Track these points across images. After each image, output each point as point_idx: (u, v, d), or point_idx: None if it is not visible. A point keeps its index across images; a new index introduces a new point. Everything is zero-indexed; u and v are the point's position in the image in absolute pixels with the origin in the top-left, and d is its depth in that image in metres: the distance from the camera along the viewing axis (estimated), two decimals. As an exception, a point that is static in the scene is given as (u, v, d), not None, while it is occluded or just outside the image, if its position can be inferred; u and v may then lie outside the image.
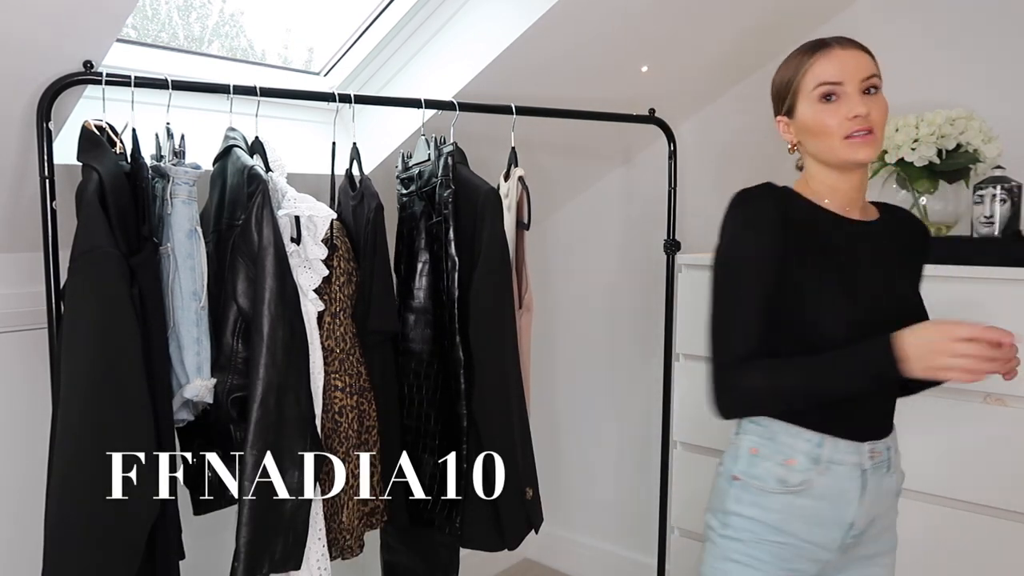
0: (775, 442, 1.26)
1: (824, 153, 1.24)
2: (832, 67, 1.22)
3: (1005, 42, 1.90)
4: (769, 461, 1.26)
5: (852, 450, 1.23)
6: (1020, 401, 1.60)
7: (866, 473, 1.24)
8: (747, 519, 1.27)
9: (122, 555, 1.25)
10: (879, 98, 1.23)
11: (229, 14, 1.94)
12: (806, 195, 1.29)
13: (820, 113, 1.23)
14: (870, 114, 1.21)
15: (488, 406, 1.57)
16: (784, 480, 1.25)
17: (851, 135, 1.20)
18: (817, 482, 1.23)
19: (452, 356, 1.61)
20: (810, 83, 1.24)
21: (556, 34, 1.79)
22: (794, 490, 1.24)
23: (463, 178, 1.62)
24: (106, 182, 1.25)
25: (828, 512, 1.24)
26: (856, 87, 1.21)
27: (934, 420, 1.69)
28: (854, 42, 1.25)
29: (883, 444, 1.27)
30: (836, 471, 1.23)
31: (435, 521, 1.67)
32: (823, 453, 1.23)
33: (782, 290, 1.21)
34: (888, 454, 1.28)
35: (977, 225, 1.70)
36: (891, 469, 1.29)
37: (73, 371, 1.21)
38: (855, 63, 1.22)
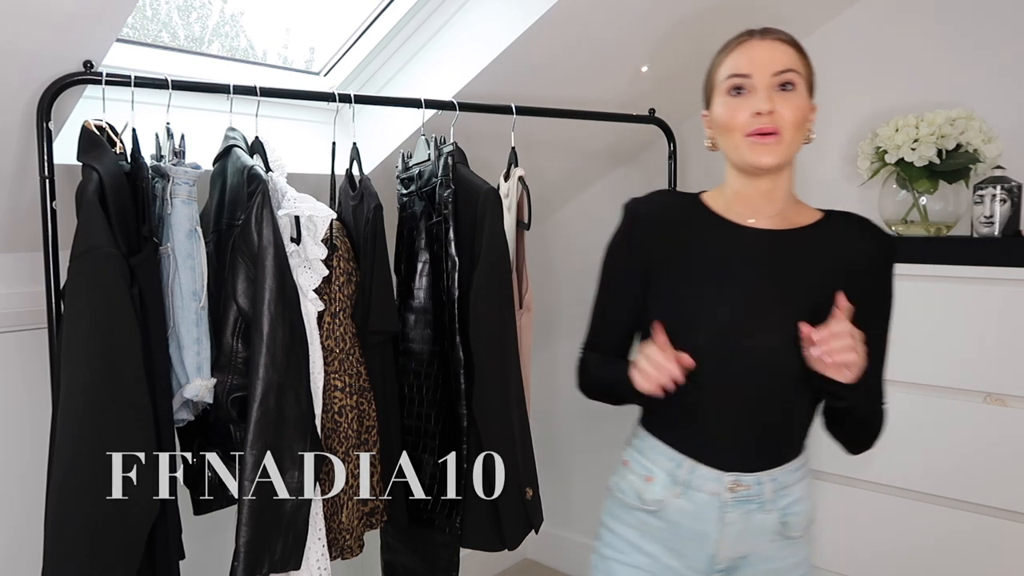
0: (643, 456, 1.22)
1: (730, 152, 1.15)
2: (743, 58, 1.13)
3: (1005, 42, 1.90)
4: (634, 475, 1.23)
5: (713, 478, 1.15)
6: (1020, 401, 1.60)
7: (726, 505, 1.16)
8: (612, 533, 1.24)
9: (122, 555, 1.25)
10: (794, 97, 1.11)
11: (229, 14, 1.94)
12: (715, 200, 1.21)
13: (727, 107, 1.13)
14: (776, 112, 1.09)
15: (488, 406, 1.57)
16: (641, 496, 1.20)
17: (752, 134, 1.10)
18: (671, 504, 1.18)
19: (452, 356, 1.61)
20: (723, 74, 1.15)
21: (556, 34, 1.79)
22: (648, 508, 1.20)
23: (463, 178, 1.62)
24: (106, 182, 1.24)
25: (685, 538, 1.17)
26: (766, 81, 1.10)
27: (934, 420, 1.69)
28: (777, 33, 1.15)
29: (752, 478, 1.15)
30: (693, 497, 1.16)
31: (435, 521, 1.67)
32: (681, 475, 1.17)
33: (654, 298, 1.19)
34: (759, 490, 1.16)
35: (977, 225, 1.70)
36: (765, 507, 1.16)
37: (73, 371, 1.21)
38: (768, 55, 1.11)
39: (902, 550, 1.76)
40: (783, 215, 1.17)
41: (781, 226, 1.17)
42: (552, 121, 1.98)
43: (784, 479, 1.17)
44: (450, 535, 1.64)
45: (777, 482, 1.17)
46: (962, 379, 1.66)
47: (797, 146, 1.12)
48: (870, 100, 2.08)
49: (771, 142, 1.10)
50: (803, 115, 1.12)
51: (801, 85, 1.12)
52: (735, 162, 1.15)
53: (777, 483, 1.17)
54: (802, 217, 1.18)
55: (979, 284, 1.63)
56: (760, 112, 1.09)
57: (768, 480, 1.16)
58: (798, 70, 1.12)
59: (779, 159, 1.10)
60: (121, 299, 1.23)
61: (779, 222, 1.17)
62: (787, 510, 1.18)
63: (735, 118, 1.12)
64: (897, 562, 1.76)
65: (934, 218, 1.80)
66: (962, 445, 1.66)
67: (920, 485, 1.71)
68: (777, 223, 1.17)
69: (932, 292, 1.69)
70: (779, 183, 1.16)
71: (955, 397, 1.67)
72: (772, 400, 1.14)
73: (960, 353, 1.66)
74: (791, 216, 1.17)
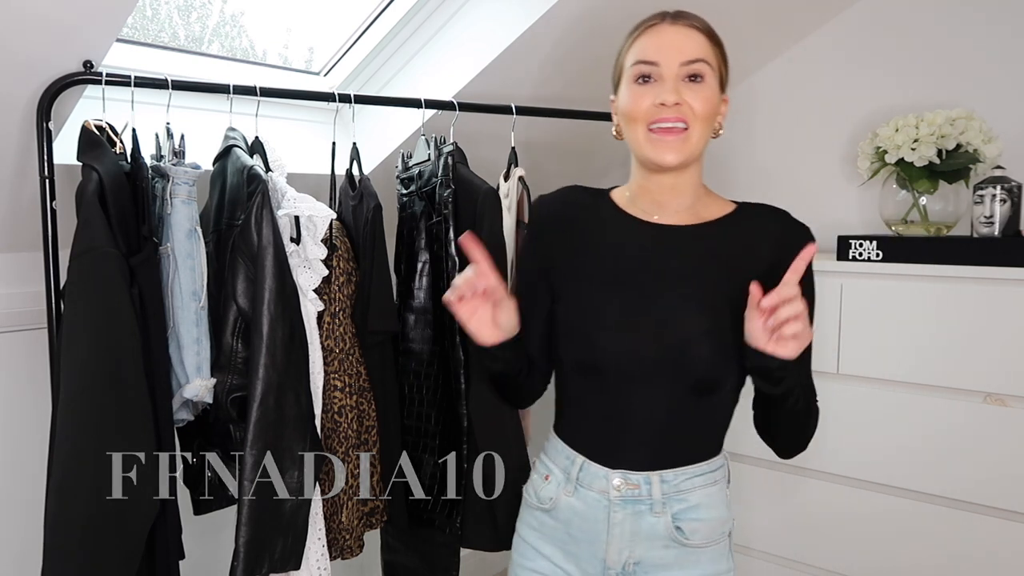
0: (546, 455, 1.20)
1: (632, 145, 1.09)
2: (651, 44, 1.05)
3: (1005, 42, 1.90)
4: (537, 474, 1.20)
5: (601, 476, 1.11)
6: (1020, 401, 1.60)
7: (613, 504, 1.10)
8: (518, 536, 1.22)
9: (122, 555, 1.25)
10: (703, 89, 1.04)
11: (230, 15, 1.94)
12: (621, 195, 1.16)
13: (632, 95, 1.06)
14: (683, 104, 1.02)
15: (488, 406, 1.57)
16: (538, 495, 1.18)
17: (655, 127, 1.03)
18: (563, 502, 1.14)
19: (453, 356, 1.61)
20: (629, 60, 1.08)
21: (556, 34, 1.79)
22: (544, 507, 1.17)
23: (463, 178, 1.62)
24: (106, 182, 1.25)
25: (577, 539, 1.13)
26: (674, 71, 1.03)
27: (934, 420, 1.69)
28: (690, 19, 1.07)
29: (640, 477, 1.09)
30: (583, 496, 1.13)
31: (435, 521, 1.67)
32: (573, 472, 1.14)
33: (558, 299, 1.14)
34: (647, 490, 1.09)
35: (977, 225, 1.70)
36: (654, 509, 1.10)
37: (73, 371, 1.21)
38: (678, 42, 1.04)
39: (902, 550, 1.76)
40: (691, 210, 1.11)
41: (688, 221, 1.11)
42: (552, 121, 1.98)
43: (678, 482, 1.10)
44: (450, 535, 1.64)
45: (669, 484, 1.10)
46: (962, 379, 1.66)
47: (704, 141, 1.07)
48: (870, 100, 2.08)
49: (674, 139, 1.04)
50: (712, 108, 1.05)
51: (711, 77, 1.05)
52: (637, 156, 1.10)
53: (669, 485, 1.10)
54: (712, 211, 1.12)
55: (979, 284, 1.63)
56: (665, 103, 1.02)
57: (658, 481, 1.10)
58: (709, 60, 1.05)
59: (683, 157, 1.05)
60: (121, 299, 1.23)
61: (686, 217, 1.11)
62: (681, 516, 1.10)
63: (638, 107, 1.05)
64: (897, 562, 1.76)
65: (934, 218, 1.80)
66: (962, 445, 1.66)
67: (920, 485, 1.71)
68: (684, 218, 1.11)
69: (932, 292, 1.68)
70: (684, 178, 1.10)
71: (955, 397, 1.67)
72: (668, 400, 1.08)
73: (960, 353, 1.65)
74: (700, 210, 1.12)
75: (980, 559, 1.66)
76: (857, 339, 1.78)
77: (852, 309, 1.79)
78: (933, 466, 1.70)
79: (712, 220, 1.11)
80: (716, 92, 1.06)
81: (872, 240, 1.77)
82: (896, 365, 1.73)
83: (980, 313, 1.63)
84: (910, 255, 1.72)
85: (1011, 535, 1.62)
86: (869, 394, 1.76)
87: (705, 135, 1.06)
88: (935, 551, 1.71)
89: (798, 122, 2.21)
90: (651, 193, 1.12)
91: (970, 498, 1.66)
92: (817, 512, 1.85)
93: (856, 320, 1.78)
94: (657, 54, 1.04)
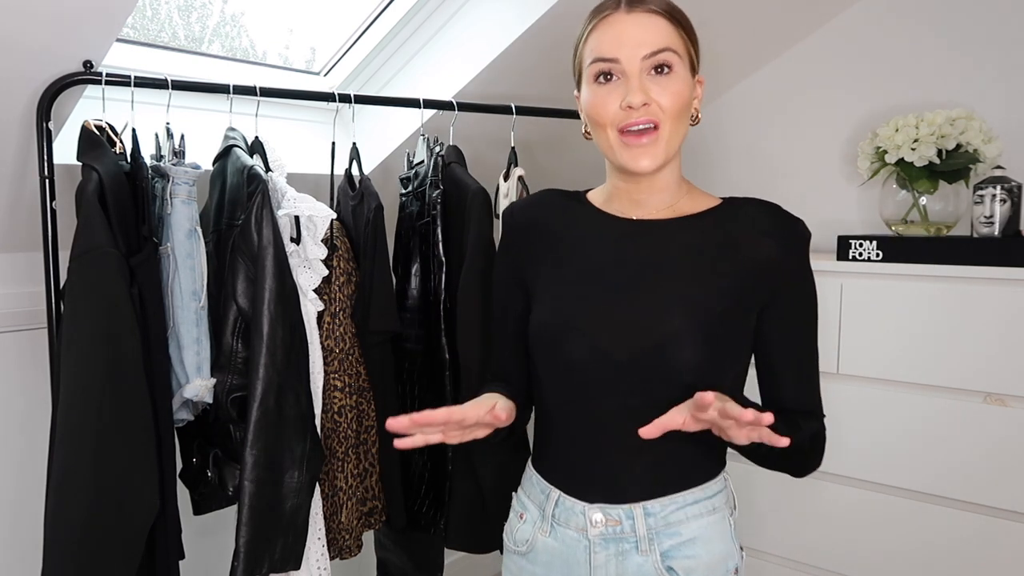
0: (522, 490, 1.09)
1: (603, 149, 0.99)
2: (607, 38, 0.94)
3: (1005, 42, 1.90)
4: (513, 513, 1.09)
5: (578, 511, 0.99)
6: (1020, 401, 1.60)
7: (593, 543, 0.98)
8: None
9: (122, 555, 1.25)
10: (672, 81, 0.94)
11: (230, 15, 1.94)
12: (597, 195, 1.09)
13: (594, 97, 0.96)
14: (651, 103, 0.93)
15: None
16: (515, 537, 1.07)
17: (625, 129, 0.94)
18: (540, 544, 1.02)
19: (438, 357, 1.62)
20: (587, 57, 0.97)
21: (556, 34, 1.79)
22: (520, 551, 1.05)
23: (454, 178, 1.62)
24: (106, 182, 1.25)
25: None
26: (636, 66, 0.93)
27: (934, 420, 1.69)
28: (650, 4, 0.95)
29: (621, 511, 0.97)
30: (561, 534, 1.00)
31: (421, 521, 1.67)
32: (549, 509, 1.02)
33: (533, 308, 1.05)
34: (631, 526, 0.97)
35: (977, 225, 1.70)
36: (640, 547, 0.97)
37: (73, 371, 1.21)
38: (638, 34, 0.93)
39: (902, 550, 1.76)
40: (673, 206, 1.03)
41: (669, 216, 1.03)
42: (552, 121, 1.98)
43: (665, 513, 0.97)
44: (435, 535, 1.64)
45: (655, 517, 0.97)
46: (962, 379, 1.66)
47: (679, 136, 0.98)
48: (870, 100, 2.08)
49: (648, 142, 0.94)
50: (683, 101, 0.95)
51: (680, 65, 0.95)
52: (611, 161, 1.01)
53: (655, 518, 0.97)
54: (695, 205, 1.04)
55: (979, 284, 1.63)
56: (632, 105, 0.93)
57: (641, 514, 0.97)
58: (675, 48, 0.94)
59: (659, 162, 0.96)
60: (121, 299, 1.23)
61: (667, 213, 1.03)
62: (672, 553, 0.97)
63: (604, 111, 0.95)
64: (897, 562, 1.76)
65: (934, 218, 1.80)
66: (962, 445, 1.66)
67: (920, 485, 1.71)
68: (664, 214, 1.03)
69: (932, 292, 1.68)
70: (662, 175, 1.01)
71: (955, 397, 1.67)
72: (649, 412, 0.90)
73: (960, 353, 1.65)
74: (681, 206, 1.03)
75: (979, 559, 1.65)
76: (857, 339, 1.78)
77: (852, 309, 1.79)
78: (932, 466, 1.70)
79: (695, 214, 1.03)
80: (687, 80, 0.96)
81: (872, 240, 1.77)
82: (896, 365, 1.73)
83: (980, 313, 1.63)
84: (910, 255, 1.72)
85: (1011, 535, 1.62)
86: (869, 394, 1.76)
87: (679, 130, 0.97)
88: (934, 551, 1.71)
89: (798, 122, 2.21)
90: (628, 193, 1.03)
91: (969, 498, 1.66)
92: (816, 511, 1.85)
93: (856, 320, 1.78)
94: (616, 49, 0.94)
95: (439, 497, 1.64)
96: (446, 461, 1.61)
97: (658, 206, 1.03)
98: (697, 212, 1.03)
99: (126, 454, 1.24)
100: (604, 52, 0.95)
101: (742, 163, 2.32)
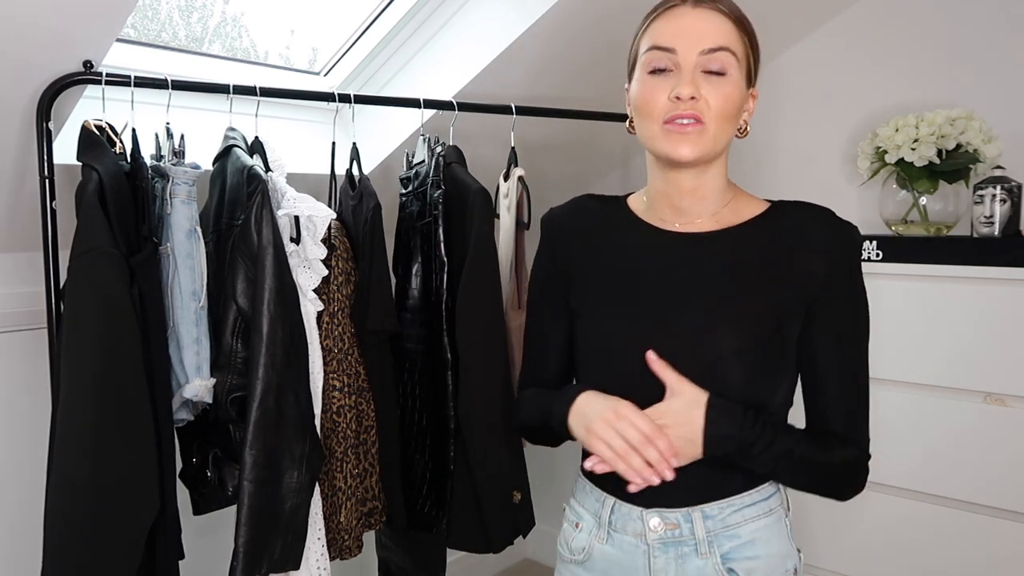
0: (575, 499, 1.08)
1: (645, 140, 0.97)
2: (668, 29, 0.93)
3: (1005, 42, 1.90)
4: (568, 523, 1.08)
5: (635, 517, 0.99)
6: (1020, 401, 1.60)
7: (652, 548, 0.98)
8: None
9: (122, 555, 1.25)
10: (724, 84, 0.92)
11: (231, 15, 1.94)
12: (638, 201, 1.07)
13: (644, 87, 0.94)
14: (700, 99, 0.91)
15: (474, 408, 1.56)
16: (570, 546, 1.06)
17: (671, 120, 0.92)
18: (598, 551, 1.02)
19: (440, 357, 1.61)
20: (643, 46, 0.96)
21: (555, 34, 1.79)
22: (577, 559, 1.05)
23: (456, 178, 1.62)
24: (106, 182, 1.25)
25: None
26: (692, 60, 0.91)
27: (934, 420, 1.69)
28: (717, 1, 0.93)
29: (679, 515, 0.97)
30: (618, 541, 1.00)
31: (423, 521, 1.67)
32: (605, 516, 1.01)
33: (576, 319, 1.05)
34: (689, 529, 0.97)
35: (977, 225, 1.70)
36: (699, 550, 0.98)
37: (73, 371, 1.21)
38: (699, 27, 0.92)
39: (902, 550, 1.76)
40: (717, 215, 1.00)
41: (713, 227, 1.00)
42: (552, 121, 1.98)
43: (723, 516, 0.97)
44: (437, 535, 1.64)
45: (713, 520, 0.97)
46: (962, 379, 1.66)
47: (725, 139, 0.95)
48: (870, 100, 2.08)
49: (691, 131, 0.92)
50: (734, 106, 0.93)
51: (735, 70, 0.93)
52: (651, 151, 0.98)
53: (713, 521, 0.97)
54: (742, 214, 1.00)
55: (979, 284, 1.63)
56: (680, 96, 0.91)
57: (699, 517, 0.97)
58: (734, 50, 0.93)
59: (699, 152, 0.93)
60: (121, 299, 1.23)
61: (711, 223, 1.00)
62: (732, 555, 0.97)
63: (652, 101, 0.93)
64: (897, 562, 1.76)
65: (934, 218, 1.80)
66: (962, 445, 1.66)
67: (920, 485, 1.71)
68: (708, 225, 1.00)
69: (932, 292, 1.68)
70: (705, 180, 0.98)
71: (955, 397, 1.67)
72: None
73: (960, 353, 1.65)
74: (727, 215, 1.00)
75: (979, 559, 1.65)
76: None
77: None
78: (933, 466, 1.70)
79: (740, 224, 0.99)
80: (740, 87, 0.94)
81: (872, 240, 1.77)
82: (896, 365, 1.73)
83: (980, 313, 1.63)
84: (910, 255, 1.72)
85: (1011, 535, 1.62)
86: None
87: (726, 133, 0.95)
88: (934, 551, 1.71)
89: (798, 122, 2.21)
90: (669, 197, 1.00)
91: (970, 498, 1.66)
92: (816, 512, 1.85)
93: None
94: (674, 40, 0.92)
95: (441, 497, 1.64)
96: (448, 461, 1.61)
97: (701, 214, 1.00)
98: (742, 222, 1.00)
99: (126, 454, 1.24)
100: (662, 40, 0.93)
101: (742, 163, 2.32)
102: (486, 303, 1.58)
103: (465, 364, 1.56)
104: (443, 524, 1.63)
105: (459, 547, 1.62)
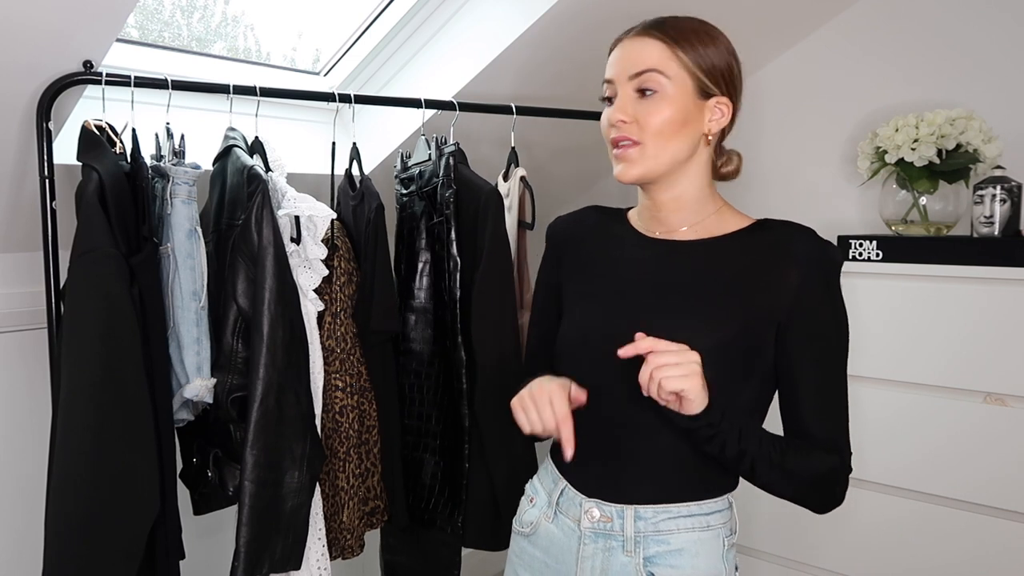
0: (537, 477, 1.15)
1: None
2: (610, 61, 1.03)
3: (1005, 42, 1.90)
4: (525, 498, 1.15)
5: (577, 503, 1.04)
6: (1020, 401, 1.60)
7: (584, 535, 1.03)
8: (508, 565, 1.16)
9: (122, 555, 1.25)
10: (654, 102, 0.97)
11: (232, 15, 1.94)
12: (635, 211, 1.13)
13: (602, 116, 1.04)
14: (631, 122, 0.98)
15: (490, 406, 1.57)
16: (521, 518, 1.13)
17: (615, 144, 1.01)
18: (543, 528, 1.08)
19: (454, 356, 1.61)
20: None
21: (556, 34, 1.79)
22: (524, 532, 1.12)
23: (464, 178, 1.62)
24: (106, 182, 1.25)
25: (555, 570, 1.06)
26: (624, 86, 0.99)
27: (934, 420, 1.69)
28: (654, 29, 0.99)
29: (613, 510, 1.01)
30: (561, 522, 1.06)
31: (436, 521, 1.67)
32: (555, 497, 1.07)
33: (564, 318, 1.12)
34: (619, 525, 1.00)
35: (977, 225, 1.70)
36: (625, 547, 1.00)
37: (73, 371, 1.21)
38: (629, 55, 0.99)
39: (902, 550, 1.76)
40: (700, 225, 1.05)
41: (693, 237, 1.05)
42: (552, 121, 1.98)
43: (656, 520, 1.00)
44: (452, 535, 1.64)
45: (645, 521, 1.00)
46: (962, 379, 1.66)
47: (669, 155, 0.99)
48: (870, 100, 2.08)
49: (630, 152, 0.99)
50: (670, 123, 0.98)
51: (669, 86, 0.97)
52: None
53: (645, 522, 1.00)
54: (726, 226, 1.05)
55: (979, 284, 1.63)
56: (611, 122, 1.00)
57: (632, 516, 1.00)
58: (662, 69, 0.97)
59: (640, 170, 0.99)
60: (121, 299, 1.23)
61: (693, 233, 1.05)
62: (656, 559, 1.00)
63: (603, 129, 1.03)
64: (897, 562, 1.76)
65: (934, 218, 1.80)
66: (962, 445, 1.66)
67: (920, 485, 1.71)
68: (691, 234, 1.05)
69: (932, 292, 1.68)
70: (677, 192, 1.04)
71: (955, 397, 1.67)
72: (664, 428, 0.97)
73: (960, 353, 1.65)
74: (710, 226, 1.05)
75: (980, 559, 1.65)
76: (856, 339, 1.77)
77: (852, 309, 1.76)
78: (932, 466, 1.70)
79: (721, 235, 1.04)
80: (679, 103, 0.98)
81: (872, 240, 1.77)
82: (896, 365, 1.73)
83: (980, 313, 1.63)
84: (910, 255, 1.72)
85: (1011, 535, 1.62)
86: (868, 394, 1.76)
87: (668, 149, 0.99)
88: (935, 551, 1.71)
89: (798, 122, 2.21)
90: (649, 209, 1.08)
91: (970, 498, 1.66)
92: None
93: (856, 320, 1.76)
94: (611, 70, 1.02)
95: (455, 496, 1.64)
96: (463, 460, 1.61)
97: (681, 224, 1.06)
98: (724, 234, 1.04)
99: (127, 454, 1.24)
100: (607, 72, 1.03)
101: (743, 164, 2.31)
102: (504, 303, 1.59)
103: (481, 363, 1.56)
104: (458, 523, 1.63)
105: (475, 546, 1.62)
